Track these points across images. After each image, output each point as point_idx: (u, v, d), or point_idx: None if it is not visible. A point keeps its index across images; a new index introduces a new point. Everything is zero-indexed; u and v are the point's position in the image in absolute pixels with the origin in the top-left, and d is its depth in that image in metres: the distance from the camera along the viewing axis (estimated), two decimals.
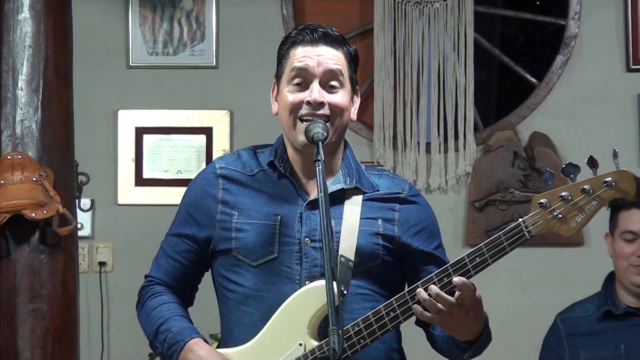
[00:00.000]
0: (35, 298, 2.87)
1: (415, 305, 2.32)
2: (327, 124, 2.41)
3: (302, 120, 2.42)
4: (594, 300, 3.50)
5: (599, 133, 4.83)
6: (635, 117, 4.82)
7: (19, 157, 2.88)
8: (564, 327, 3.48)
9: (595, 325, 3.43)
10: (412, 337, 2.59)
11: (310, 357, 2.36)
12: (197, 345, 2.43)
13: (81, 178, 3.03)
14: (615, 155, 2.27)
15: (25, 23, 2.96)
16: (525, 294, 4.78)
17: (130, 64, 4.89)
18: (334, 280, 2.23)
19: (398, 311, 2.35)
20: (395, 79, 4.84)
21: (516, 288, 4.76)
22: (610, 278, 3.50)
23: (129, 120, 4.86)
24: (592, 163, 2.26)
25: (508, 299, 4.74)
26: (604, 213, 3.61)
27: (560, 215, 2.29)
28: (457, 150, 4.83)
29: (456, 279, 2.29)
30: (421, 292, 2.31)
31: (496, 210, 4.79)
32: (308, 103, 2.41)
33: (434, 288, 2.30)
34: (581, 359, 3.42)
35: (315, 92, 2.42)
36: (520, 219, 2.31)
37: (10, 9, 2.96)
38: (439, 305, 2.29)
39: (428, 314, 2.31)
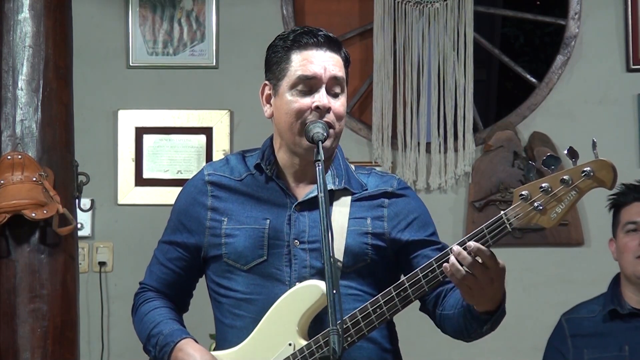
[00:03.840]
0: (35, 298, 2.87)
1: (445, 265, 2.28)
2: (330, 130, 2.42)
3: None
4: (599, 301, 3.50)
5: (599, 133, 4.80)
6: (635, 117, 4.82)
7: (19, 157, 2.88)
8: (569, 327, 3.48)
9: (600, 326, 3.44)
10: (412, 337, 2.59)
11: (299, 357, 2.37)
12: (187, 345, 2.44)
13: (81, 178, 3.03)
14: (594, 145, 2.27)
15: (25, 23, 2.96)
16: (526, 294, 4.77)
17: (130, 64, 4.89)
18: (332, 280, 2.22)
19: (384, 307, 2.35)
20: (395, 79, 4.84)
21: (516, 288, 4.76)
22: (616, 280, 3.51)
23: (129, 120, 4.86)
24: (572, 154, 2.27)
25: (508, 299, 4.71)
26: (606, 215, 3.61)
27: (540, 207, 2.29)
28: (456, 150, 4.83)
29: (471, 244, 2.27)
30: (450, 257, 2.27)
31: (496, 210, 4.79)
32: (317, 108, 2.41)
33: (456, 247, 2.27)
34: (585, 359, 3.42)
35: (324, 98, 2.42)
36: (502, 212, 2.32)
37: (10, 9, 2.96)
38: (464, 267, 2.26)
39: (459, 274, 2.27)
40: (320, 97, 2.42)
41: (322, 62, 2.44)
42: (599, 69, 4.87)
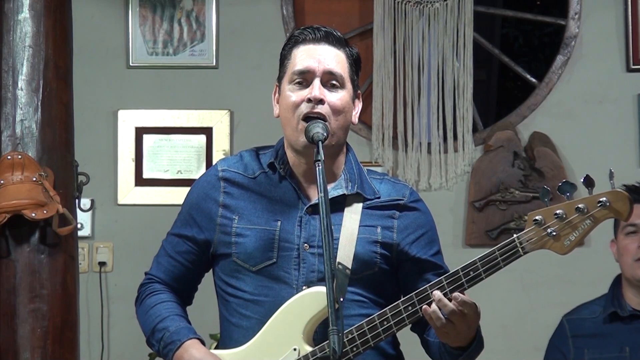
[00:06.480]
0: (35, 298, 2.86)
1: (425, 307, 2.33)
2: (327, 123, 2.40)
3: (304, 120, 2.41)
4: (600, 302, 3.50)
5: (599, 133, 4.83)
6: (635, 117, 4.82)
7: (19, 157, 2.88)
8: (570, 328, 3.49)
9: (601, 327, 3.44)
10: (412, 338, 2.59)
11: None
12: (192, 347, 2.44)
13: (81, 178, 3.03)
14: (611, 175, 2.28)
15: (25, 23, 2.95)
16: (526, 294, 4.77)
17: (130, 64, 4.89)
18: (331, 280, 2.22)
19: (392, 321, 2.36)
20: (395, 79, 4.84)
21: (516, 288, 4.76)
22: (617, 281, 3.51)
23: (129, 120, 4.86)
24: (588, 182, 2.28)
25: (508, 299, 4.74)
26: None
27: (554, 233, 2.31)
28: (456, 150, 4.84)
29: (456, 295, 2.31)
30: (431, 305, 2.31)
31: (496, 210, 4.79)
32: (309, 100, 2.41)
33: (437, 293, 2.31)
34: (585, 359, 3.42)
35: (316, 89, 2.41)
36: (515, 235, 2.34)
37: (10, 9, 2.96)
38: (442, 312, 2.30)
39: (440, 322, 2.32)
40: (313, 89, 2.41)
41: (317, 55, 2.44)
42: (599, 69, 4.87)
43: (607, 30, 4.87)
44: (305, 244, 2.44)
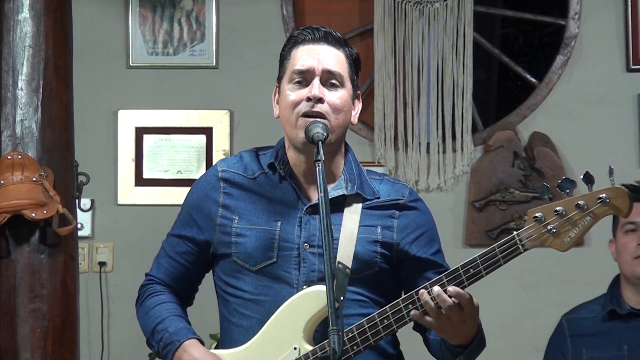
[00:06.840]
0: (35, 298, 2.87)
1: (414, 311, 2.33)
2: (327, 122, 2.40)
3: (303, 117, 2.41)
4: (599, 301, 3.51)
5: (599, 133, 4.83)
6: (635, 117, 4.83)
7: (19, 157, 2.88)
8: (569, 327, 3.49)
9: (600, 326, 3.45)
10: (412, 338, 2.59)
11: None
12: (191, 347, 2.44)
13: (81, 178, 3.03)
14: (610, 172, 2.28)
15: (25, 23, 2.96)
16: (526, 294, 4.78)
17: (130, 64, 4.89)
18: (331, 280, 2.23)
19: (392, 319, 2.36)
20: (395, 79, 4.84)
21: (516, 288, 4.76)
22: (616, 280, 3.52)
23: (129, 120, 4.86)
24: (588, 179, 2.28)
25: (508, 299, 4.74)
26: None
27: (554, 230, 2.31)
28: (454, 150, 4.84)
29: (450, 289, 2.31)
30: (424, 294, 2.32)
31: (496, 210, 4.79)
32: (308, 99, 2.41)
33: (436, 288, 2.31)
34: (584, 359, 3.43)
35: (315, 88, 2.41)
36: (514, 232, 2.33)
37: (10, 9, 2.96)
38: (440, 307, 2.30)
39: (428, 318, 2.33)
40: (312, 88, 2.41)
41: (316, 55, 2.44)
42: (599, 69, 4.87)
43: (607, 30, 4.87)
44: (306, 244, 2.44)
